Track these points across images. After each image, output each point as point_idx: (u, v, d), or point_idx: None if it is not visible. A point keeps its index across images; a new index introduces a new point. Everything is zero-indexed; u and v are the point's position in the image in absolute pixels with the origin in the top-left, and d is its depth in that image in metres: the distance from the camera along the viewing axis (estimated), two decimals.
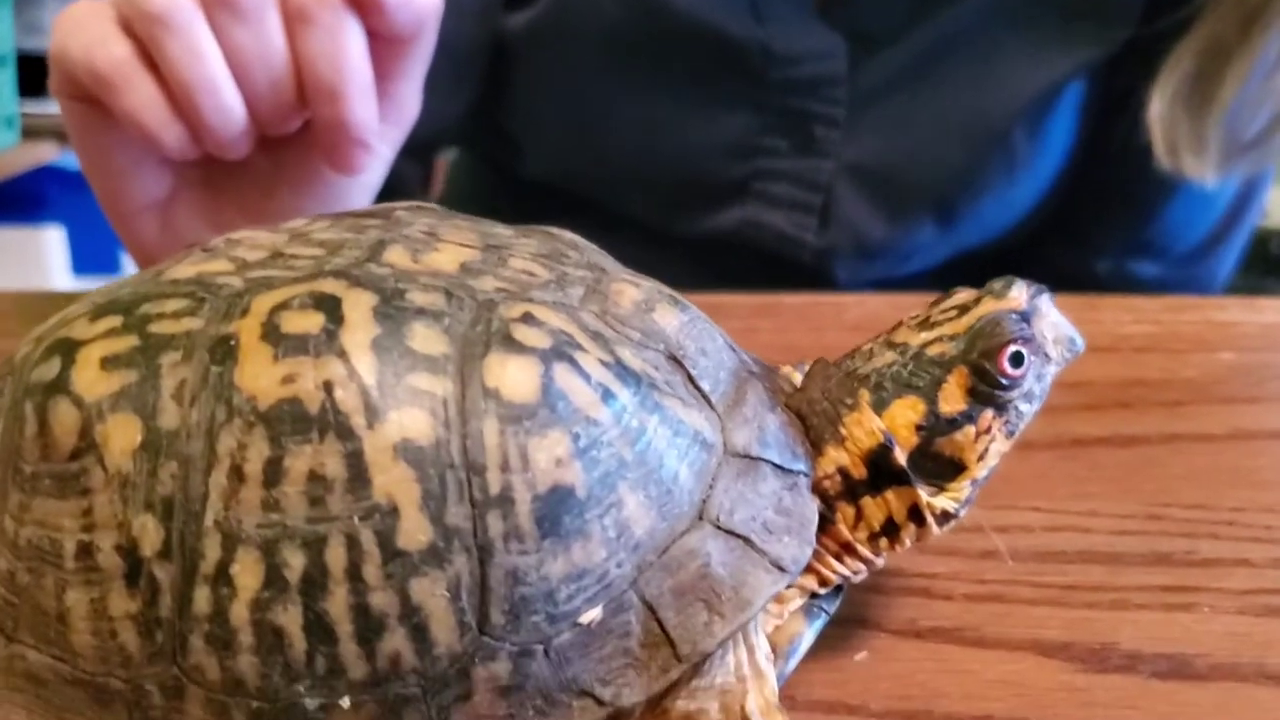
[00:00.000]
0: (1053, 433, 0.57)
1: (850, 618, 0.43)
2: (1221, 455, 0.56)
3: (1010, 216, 0.89)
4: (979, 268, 0.40)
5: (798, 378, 0.40)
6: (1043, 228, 0.91)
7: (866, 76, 0.83)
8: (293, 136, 0.56)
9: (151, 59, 0.51)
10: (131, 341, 0.32)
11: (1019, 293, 0.39)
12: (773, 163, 0.85)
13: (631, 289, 0.36)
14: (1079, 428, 0.59)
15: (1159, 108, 0.76)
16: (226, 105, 0.51)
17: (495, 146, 0.96)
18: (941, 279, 0.42)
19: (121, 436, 0.31)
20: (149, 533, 0.30)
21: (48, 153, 1.91)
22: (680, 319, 0.36)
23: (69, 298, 0.55)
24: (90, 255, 2.02)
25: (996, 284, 0.39)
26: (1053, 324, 0.39)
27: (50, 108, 1.95)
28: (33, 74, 1.90)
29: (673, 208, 0.88)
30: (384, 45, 0.53)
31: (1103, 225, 0.91)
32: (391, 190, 0.61)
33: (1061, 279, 0.89)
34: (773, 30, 0.82)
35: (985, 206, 0.87)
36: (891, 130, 0.84)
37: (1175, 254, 0.93)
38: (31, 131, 1.88)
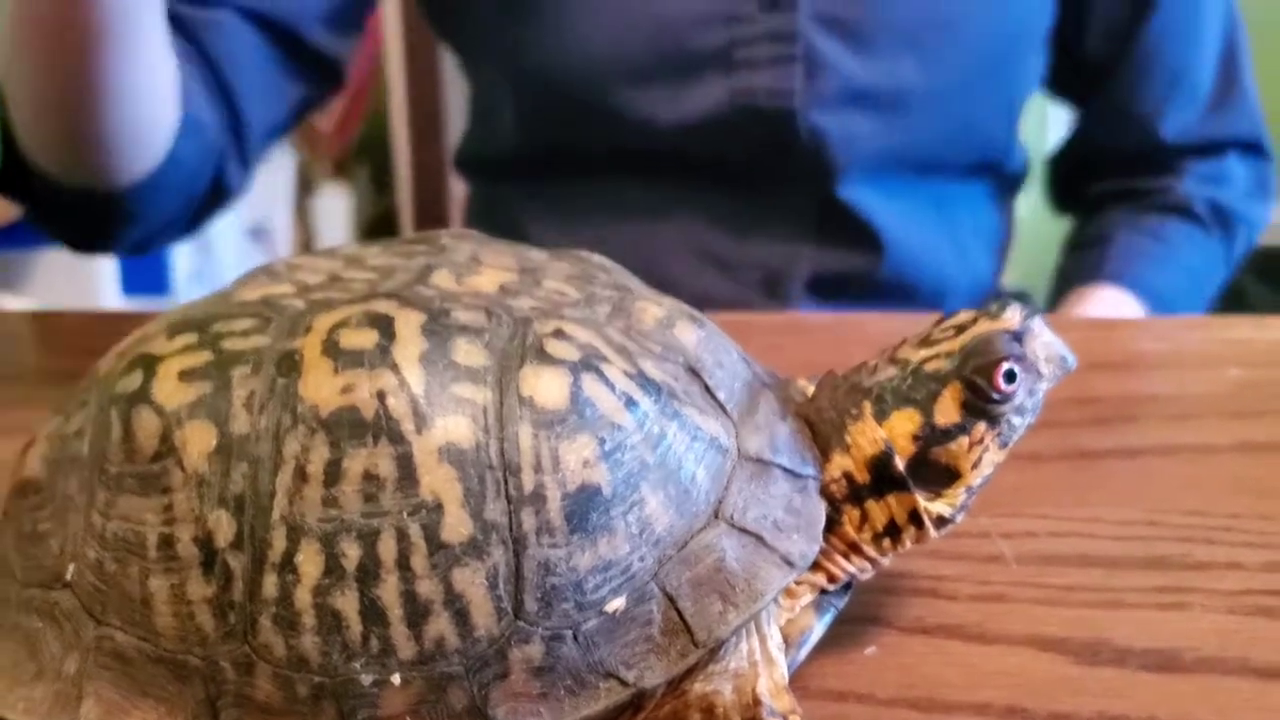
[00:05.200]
0: (1061, 446, 0.60)
1: (861, 616, 0.46)
2: (1223, 466, 0.59)
3: (995, 39, 0.93)
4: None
5: (811, 389, 0.43)
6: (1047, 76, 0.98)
7: None
8: None
9: None
10: (206, 356, 0.36)
11: (1013, 314, 0.41)
12: (747, 28, 0.90)
13: (654, 307, 0.40)
14: (1087, 441, 0.61)
15: None
16: None
17: (485, 114, 1.02)
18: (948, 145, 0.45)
19: (198, 441, 0.35)
20: (223, 526, 0.34)
21: None
22: (698, 334, 0.40)
23: (129, 317, 0.59)
24: (139, 276, 2.08)
25: (993, 305, 0.42)
26: (1045, 344, 0.42)
27: None
28: None
29: (662, 90, 0.91)
30: None
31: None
32: None
33: (1106, 159, 1.01)
34: None
35: (963, 32, 0.91)
36: None
37: (1191, 94, 0.99)
38: None
